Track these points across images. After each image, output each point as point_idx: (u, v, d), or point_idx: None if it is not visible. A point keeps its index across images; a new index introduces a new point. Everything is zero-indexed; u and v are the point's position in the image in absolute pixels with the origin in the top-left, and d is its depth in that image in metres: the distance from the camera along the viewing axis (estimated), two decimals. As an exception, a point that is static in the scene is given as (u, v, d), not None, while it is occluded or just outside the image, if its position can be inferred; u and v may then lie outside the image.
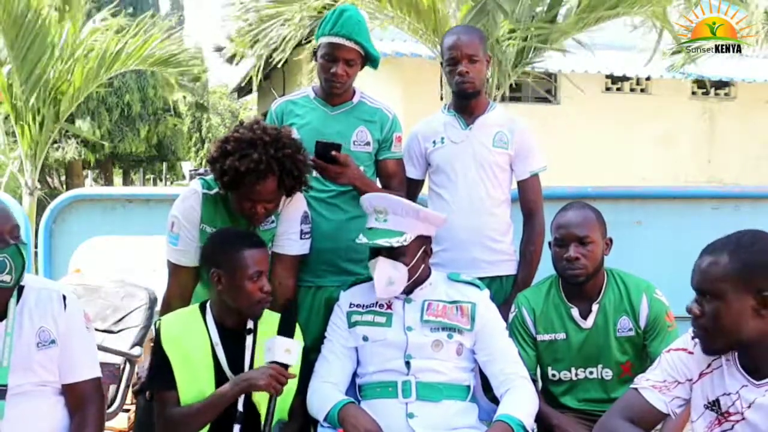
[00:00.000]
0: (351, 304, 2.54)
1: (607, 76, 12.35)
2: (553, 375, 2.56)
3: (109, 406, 3.11)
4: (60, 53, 7.99)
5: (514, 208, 2.93)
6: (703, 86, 12.77)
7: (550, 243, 2.55)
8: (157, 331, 2.35)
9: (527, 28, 6.11)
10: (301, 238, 2.58)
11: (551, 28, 6.18)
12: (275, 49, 6.89)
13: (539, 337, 2.56)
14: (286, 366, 2.23)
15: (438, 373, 2.40)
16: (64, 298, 2.18)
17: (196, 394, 2.27)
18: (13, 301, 2.10)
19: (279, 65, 7.36)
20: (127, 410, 3.25)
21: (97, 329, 3.45)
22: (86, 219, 4.01)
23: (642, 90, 12.77)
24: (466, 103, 2.83)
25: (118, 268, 3.81)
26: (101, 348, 3.20)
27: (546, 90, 11.05)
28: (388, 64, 2.67)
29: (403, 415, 2.37)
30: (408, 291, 2.47)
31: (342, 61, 2.65)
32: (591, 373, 2.52)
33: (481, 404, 2.49)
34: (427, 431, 2.33)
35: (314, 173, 2.57)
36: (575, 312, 2.52)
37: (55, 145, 15.25)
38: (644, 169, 11.93)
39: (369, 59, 2.73)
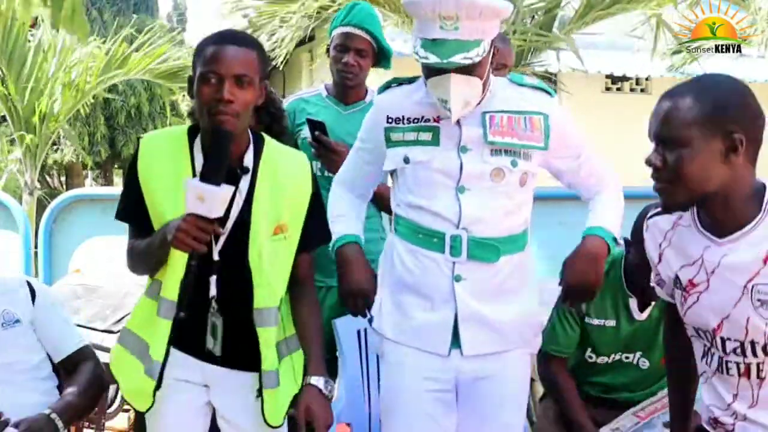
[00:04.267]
0: (389, 118, 2.08)
1: (607, 76, 12.33)
2: (590, 357, 2.46)
3: (109, 406, 3.10)
4: (59, 59, 8.00)
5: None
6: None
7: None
8: (135, 151, 1.99)
9: (524, 32, 6.10)
10: None
11: (550, 29, 6.17)
12: (274, 50, 6.89)
13: (588, 320, 2.42)
14: (208, 219, 1.78)
15: (495, 224, 2.01)
16: (29, 284, 2.26)
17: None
18: None
19: (279, 66, 7.35)
20: (127, 410, 3.24)
21: (96, 329, 3.46)
22: (86, 219, 4.01)
23: (642, 90, 12.75)
24: None
25: (118, 268, 3.80)
26: (101, 348, 3.19)
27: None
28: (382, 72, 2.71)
29: (448, 276, 2.01)
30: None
31: (353, 51, 2.68)
32: (627, 357, 2.43)
33: None
34: (473, 300, 2.01)
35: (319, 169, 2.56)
36: (633, 303, 2.38)
37: (54, 147, 15.23)
38: (645, 168, 11.89)
39: (381, 55, 2.74)
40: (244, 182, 1.92)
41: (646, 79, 12.42)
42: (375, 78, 2.82)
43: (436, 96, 1.95)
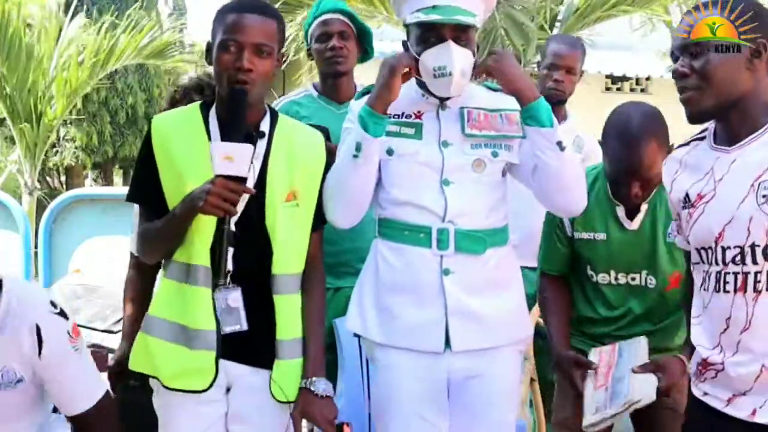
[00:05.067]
0: None
1: (607, 76, 12.33)
2: (591, 275, 2.35)
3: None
4: (56, 53, 7.98)
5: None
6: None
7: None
8: (147, 132, 1.97)
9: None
10: None
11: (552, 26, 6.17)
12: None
13: (576, 235, 2.33)
14: (236, 178, 1.79)
15: (480, 216, 2.02)
16: (38, 330, 1.88)
17: None
18: None
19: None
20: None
21: (96, 329, 3.45)
22: (86, 219, 4.01)
23: (642, 90, 12.75)
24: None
25: (118, 268, 3.80)
26: (101, 347, 3.20)
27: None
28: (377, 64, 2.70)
29: (436, 270, 2.01)
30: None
31: (336, 35, 2.65)
32: (633, 279, 2.31)
33: None
34: (462, 293, 2.01)
35: None
36: (620, 211, 2.28)
37: (54, 149, 15.23)
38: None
39: (362, 37, 2.72)
40: (260, 146, 1.92)
41: (647, 79, 12.42)
42: (360, 78, 2.80)
43: (435, 65, 1.96)
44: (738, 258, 1.61)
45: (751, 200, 1.59)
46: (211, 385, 1.89)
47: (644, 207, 2.27)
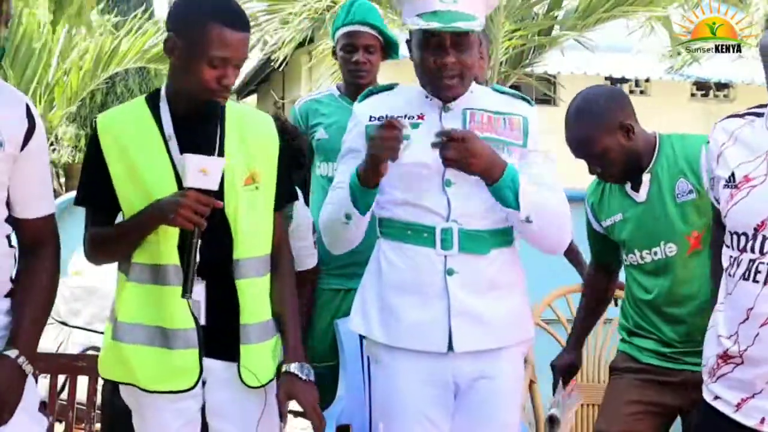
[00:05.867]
0: (371, 117, 2.08)
1: (607, 78, 12.32)
2: (625, 260, 2.40)
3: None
4: (59, 54, 7.98)
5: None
6: (702, 88, 12.78)
7: None
8: (93, 131, 1.90)
9: (524, 27, 6.10)
10: None
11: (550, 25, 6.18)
12: (274, 51, 6.89)
13: (604, 223, 2.40)
14: (207, 191, 1.76)
15: (484, 216, 2.00)
16: (28, 108, 1.74)
17: (146, 203, 1.83)
18: None
19: (278, 67, 7.35)
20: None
21: (96, 331, 3.44)
22: (83, 221, 4.00)
23: (641, 92, 12.74)
24: None
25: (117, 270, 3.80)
26: (99, 349, 3.18)
27: (543, 94, 11.06)
28: (389, 66, 2.69)
29: (440, 270, 2.00)
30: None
31: (361, 49, 2.66)
32: (655, 254, 2.29)
33: None
34: (466, 294, 1.99)
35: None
36: (627, 186, 2.32)
37: (51, 147, 15.27)
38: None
39: (388, 47, 2.73)
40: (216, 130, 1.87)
41: (646, 80, 12.42)
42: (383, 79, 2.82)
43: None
44: None
45: None
46: (196, 384, 1.86)
47: (646, 177, 2.29)
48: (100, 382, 2.38)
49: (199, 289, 1.85)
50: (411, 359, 2.02)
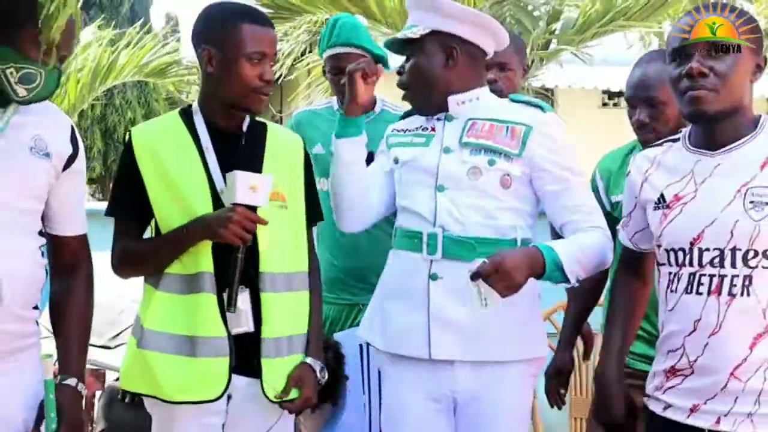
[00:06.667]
0: (394, 129, 2.25)
1: (604, 92, 12.36)
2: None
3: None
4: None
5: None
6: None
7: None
8: (128, 144, 1.94)
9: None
10: None
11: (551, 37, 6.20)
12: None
13: (613, 198, 2.34)
14: (254, 208, 1.82)
15: (473, 223, 2.00)
16: (73, 132, 1.82)
17: (183, 215, 1.88)
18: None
19: (276, 81, 7.36)
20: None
21: (94, 345, 3.43)
22: (84, 234, 3.99)
23: (638, 105, 12.80)
24: None
25: (116, 284, 3.79)
26: (98, 364, 3.17)
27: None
28: (386, 78, 2.70)
29: (425, 275, 2.01)
30: (442, 104, 2.09)
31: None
32: None
33: None
34: (447, 300, 1.97)
35: None
36: None
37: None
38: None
39: (377, 62, 2.72)
40: (254, 148, 1.97)
41: (643, 94, 12.46)
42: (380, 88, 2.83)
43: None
44: (717, 260, 1.63)
45: (737, 205, 1.62)
46: (223, 394, 1.85)
47: None
48: (98, 395, 2.38)
49: (244, 298, 1.88)
50: (411, 369, 2.02)
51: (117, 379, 3.17)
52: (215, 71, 1.90)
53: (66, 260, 1.84)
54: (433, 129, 2.12)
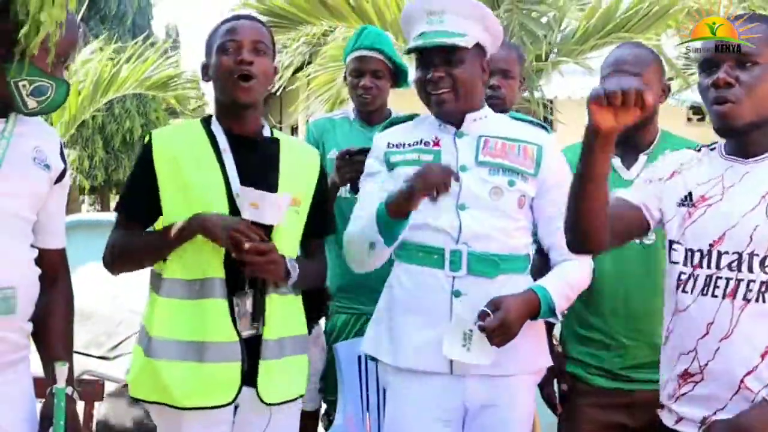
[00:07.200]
0: (389, 144, 2.15)
1: (603, 103, 12.40)
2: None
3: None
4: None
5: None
6: (699, 113, 12.84)
7: None
8: (147, 145, 1.97)
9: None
10: None
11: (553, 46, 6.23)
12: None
13: None
14: (269, 228, 1.86)
15: (494, 241, 2.02)
16: (62, 148, 1.85)
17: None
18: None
19: (276, 92, 7.37)
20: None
21: (92, 356, 3.42)
22: (83, 245, 3.98)
23: (637, 117, 12.83)
24: None
25: (114, 295, 3.78)
26: (96, 375, 3.16)
27: (543, 118, 11.14)
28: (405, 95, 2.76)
29: (447, 291, 2.02)
30: (458, 121, 2.09)
31: (368, 73, 2.70)
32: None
33: None
34: (469, 315, 1.97)
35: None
36: (617, 161, 2.25)
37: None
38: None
39: (398, 73, 2.77)
40: (271, 150, 2.01)
41: (642, 106, 12.50)
42: (394, 99, 2.86)
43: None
44: (734, 264, 1.63)
45: (761, 211, 1.63)
46: (235, 398, 1.86)
47: (643, 157, 2.27)
48: (96, 406, 2.36)
49: (250, 300, 1.92)
50: (420, 383, 2.02)
51: (117, 389, 3.16)
52: (210, 77, 1.98)
53: (48, 273, 1.83)
54: (436, 143, 2.10)
